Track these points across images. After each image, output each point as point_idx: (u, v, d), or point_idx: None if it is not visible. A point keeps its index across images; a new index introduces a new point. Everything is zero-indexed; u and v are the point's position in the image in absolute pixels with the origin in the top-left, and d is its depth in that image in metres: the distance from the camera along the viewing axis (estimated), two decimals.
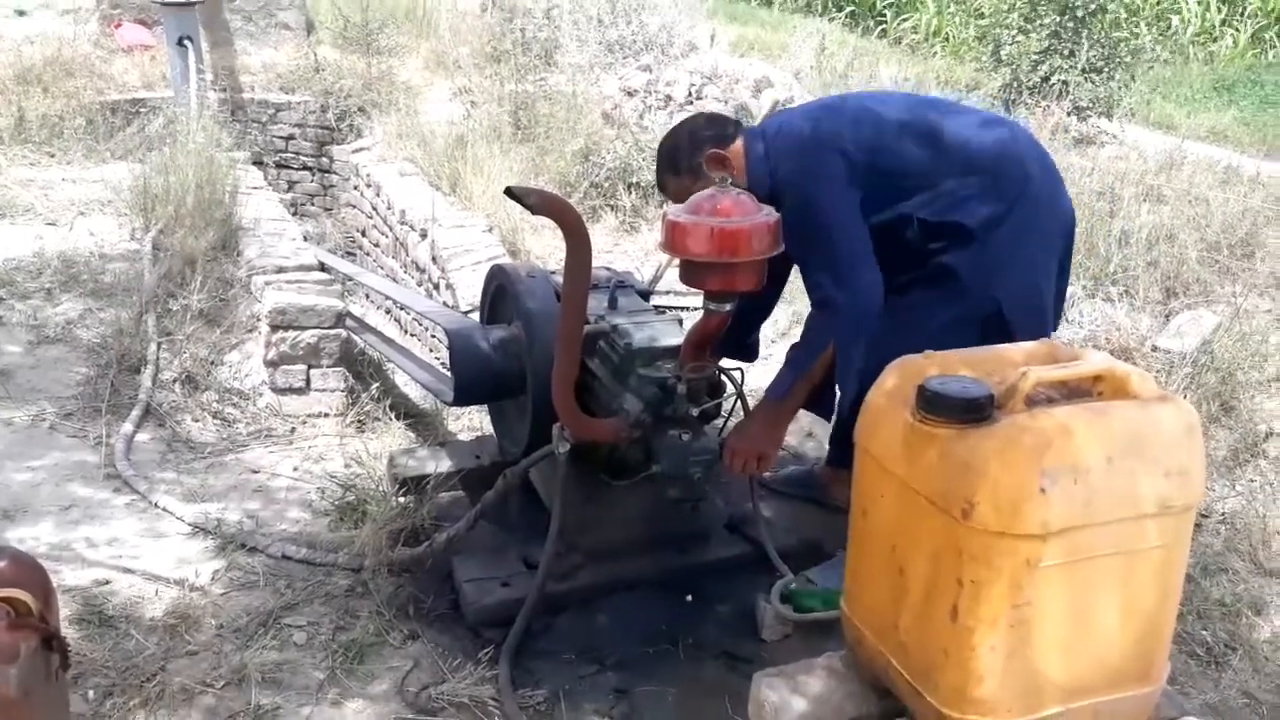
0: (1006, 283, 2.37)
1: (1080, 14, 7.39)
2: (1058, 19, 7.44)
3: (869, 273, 2.35)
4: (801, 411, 2.79)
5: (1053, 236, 2.47)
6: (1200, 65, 11.02)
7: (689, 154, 2.43)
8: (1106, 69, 7.39)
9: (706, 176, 2.34)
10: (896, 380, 1.66)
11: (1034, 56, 7.42)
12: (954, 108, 2.60)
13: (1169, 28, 11.65)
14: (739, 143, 2.45)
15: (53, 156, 5.54)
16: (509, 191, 2.11)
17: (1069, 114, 7.02)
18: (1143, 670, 1.61)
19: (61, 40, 6.61)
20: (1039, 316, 2.43)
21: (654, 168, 2.58)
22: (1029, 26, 7.59)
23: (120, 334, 3.68)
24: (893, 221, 2.37)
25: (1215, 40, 11.85)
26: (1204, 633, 2.59)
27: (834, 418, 2.77)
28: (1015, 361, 1.64)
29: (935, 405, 1.52)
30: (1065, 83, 7.18)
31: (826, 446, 3.02)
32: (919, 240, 2.39)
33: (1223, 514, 3.11)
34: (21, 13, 7.70)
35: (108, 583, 2.52)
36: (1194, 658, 2.54)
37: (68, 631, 2.13)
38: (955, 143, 2.39)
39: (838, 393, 2.64)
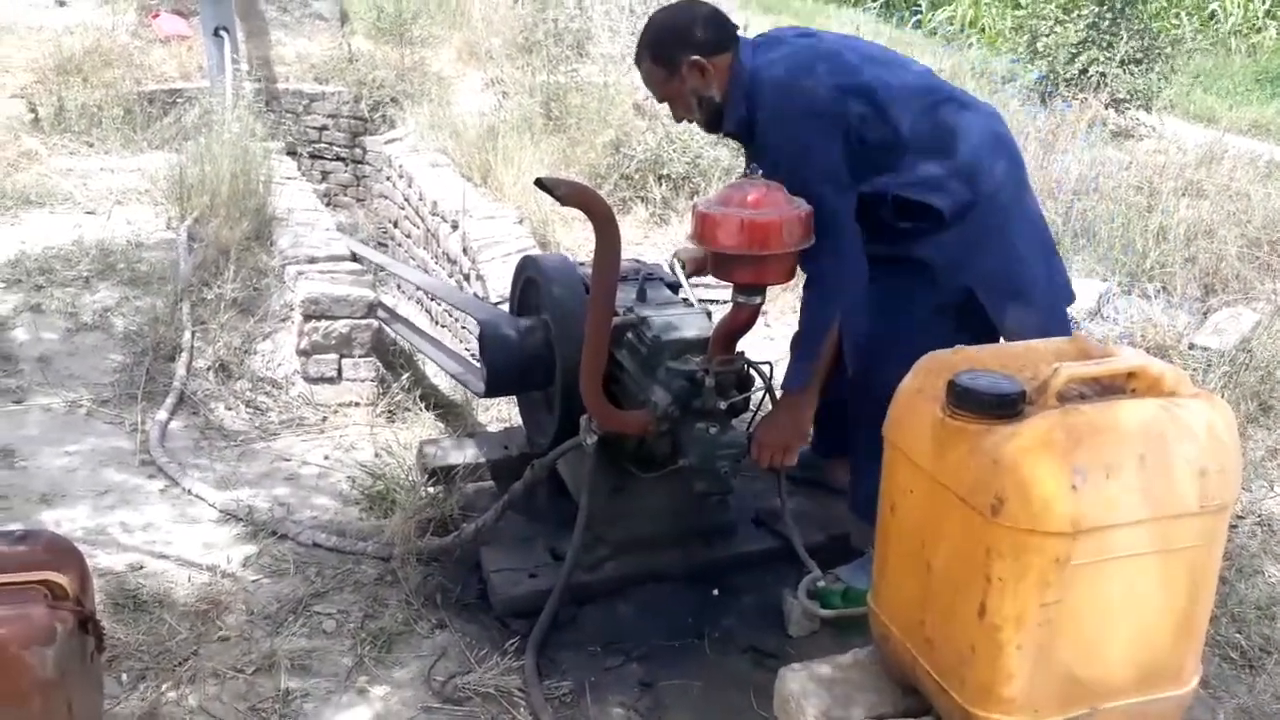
0: (976, 270, 2.32)
1: (1119, 4, 7.27)
2: (1096, 9, 7.33)
3: (851, 230, 2.31)
4: None
5: (1027, 221, 2.42)
6: (1242, 57, 10.82)
7: (674, 47, 2.36)
8: (1146, 60, 7.27)
9: (680, 77, 2.35)
10: (925, 375, 1.65)
11: (1071, 48, 7.31)
12: (941, 83, 2.47)
13: (1210, 18, 11.45)
14: (727, 56, 2.36)
15: (91, 146, 5.63)
16: (539, 182, 2.11)
17: (1107, 106, 6.91)
18: (1174, 672, 1.59)
19: (100, 31, 6.70)
20: (1021, 300, 2.36)
21: (637, 46, 2.45)
22: (1067, 17, 7.48)
23: (156, 322, 3.74)
24: (868, 195, 2.32)
25: (1258, 32, 11.62)
26: (1238, 636, 2.55)
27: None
28: (1047, 357, 1.62)
29: (965, 400, 1.50)
30: (1103, 74, 7.07)
31: None
32: (890, 216, 2.34)
33: (1259, 516, 3.06)
34: (62, 3, 7.82)
35: (141, 567, 2.57)
36: (1227, 661, 2.50)
37: (102, 615, 2.16)
38: (942, 121, 2.32)
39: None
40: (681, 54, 2.35)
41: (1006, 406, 1.48)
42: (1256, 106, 8.68)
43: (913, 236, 2.35)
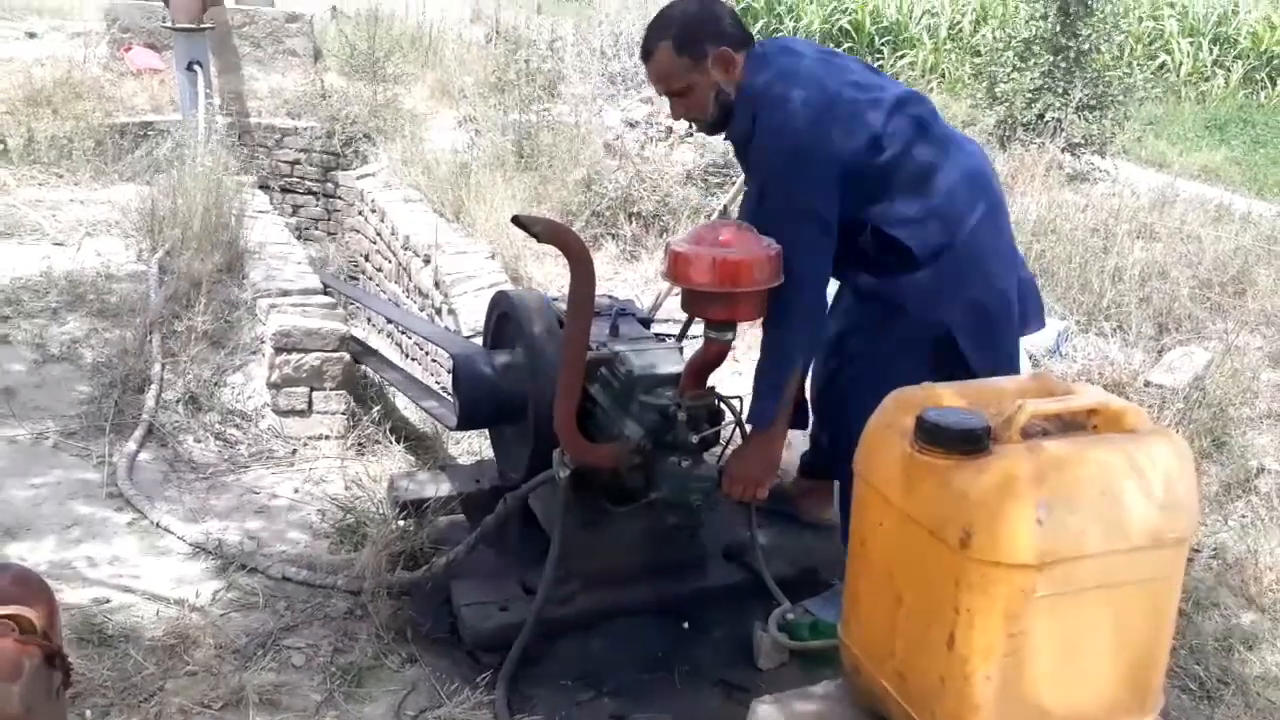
0: (952, 307, 2.38)
1: (1073, 53, 7.51)
2: (1052, 58, 7.56)
3: (821, 276, 2.36)
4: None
5: (1003, 253, 2.48)
6: (1192, 105, 11.18)
7: (703, 36, 2.32)
8: (1099, 107, 7.51)
9: (704, 69, 2.33)
10: (894, 411, 1.70)
11: (1028, 94, 7.53)
12: (932, 121, 2.47)
13: (1160, 68, 11.82)
14: (744, 55, 2.35)
15: (61, 177, 5.58)
16: (516, 220, 2.15)
17: (1063, 150, 7.11)
18: (1137, 701, 1.63)
19: (71, 63, 6.69)
20: (990, 331, 2.43)
21: (651, 35, 2.38)
22: (1024, 65, 7.71)
23: (125, 354, 3.70)
24: (850, 221, 2.36)
25: (1206, 80, 12.02)
26: (1196, 667, 2.61)
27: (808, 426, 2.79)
28: (1011, 394, 1.68)
29: (934, 436, 1.55)
30: (1059, 120, 7.28)
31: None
32: (868, 244, 2.39)
33: (1214, 549, 3.13)
34: (32, 35, 7.82)
35: (108, 601, 2.53)
36: (1186, 692, 2.55)
37: (67, 649, 2.13)
38: (924, 158, 2.36)
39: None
40: (711, 43, 2.32)
41: (973, 442, 1.53)
42: (1206, 152, 8.97)
43: (888, 271, 2.41)
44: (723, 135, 2.53)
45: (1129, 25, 8.69)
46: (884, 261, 2.40)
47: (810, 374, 2.62)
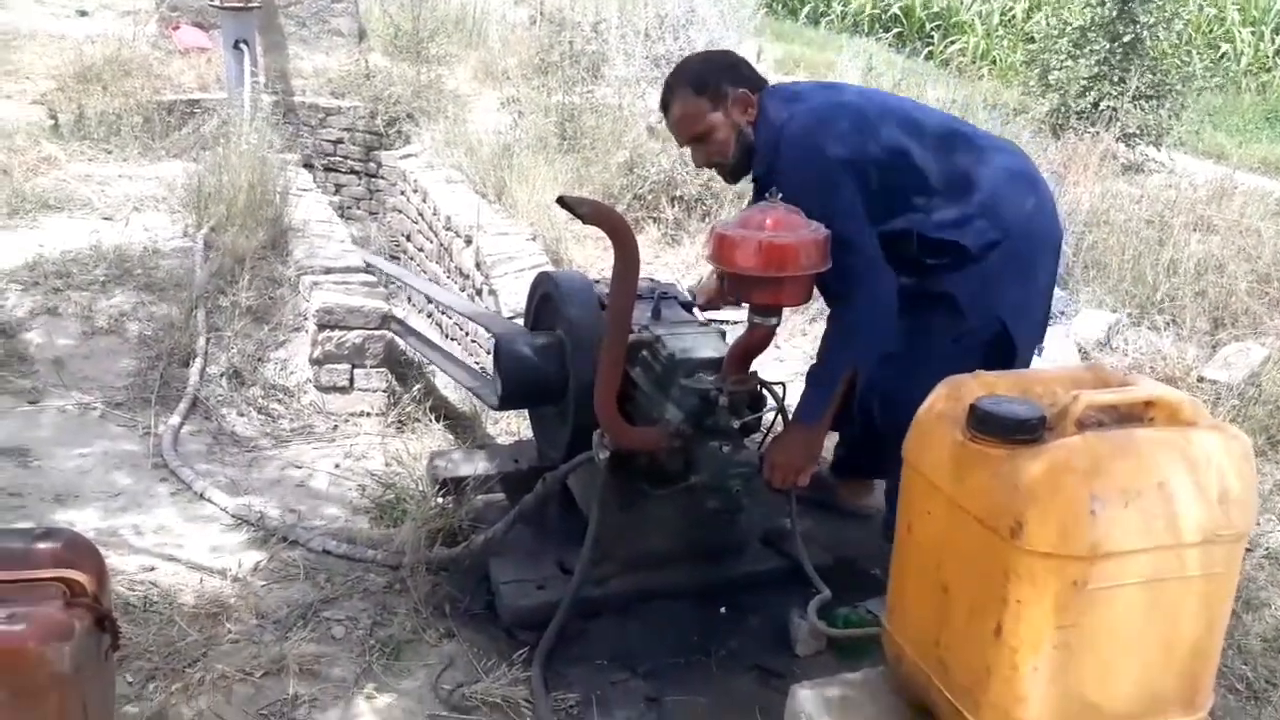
0: (1006, 302, 2.40)
1: (1129, 39, 7.34)
2: (1107, 45, 7.39)
3: (884, 274, 2.38)
4: None
5: (1048, 256, 2.50)
6: (1252, 95, 10.90)
7: (721, 80, 2.41)
8: (1156, 96, 7.34)
9: (724, 109, 2.40)
10: (946, 399, 1.66)
11: (1083, 82, 7.38)
12: (964, 126, 2.56)
13: (1221, 57, 11.53)
14: (760, 97, 2.45)
15: (110, 153, 5.67)
16: (561, 201, 2.14)
17: (1117, 140, 6.96)
18: (1186, 698, 1.59)
19: (121, 40, 6.76)
20: (1037, 330, 2.50)
21: (668, 86, 2.50)
22: (1079, 51, 7.54)
23: (171, 328, 3.76)
24: (894, 232, 2.39)
25: (1268, 71, 11.70)
26: (1244, 668, 2.55)
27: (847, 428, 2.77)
28: (1066, 384, 1.64)
29: (987, 424, 1.52)
30: (1114, 109, 7.12)
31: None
32: (916, 253, 2.41)
33: (1267, 549, 3.06)
34: (83, 13, 7.92)
35: (152, 569, 2.57)
36: (1234, 692, 2.50)
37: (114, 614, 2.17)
38: (960, 165, 2.40)
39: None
40: (729, 85, 2.40)
41: (1027, 431, 1.49)
42: (1266, 144, 8.74)
43: (939, 271, 2.42)
44: (750, 177, 2.57)
45: (1189, 13, 8.46)
46: (933, 265, 2.41)
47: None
